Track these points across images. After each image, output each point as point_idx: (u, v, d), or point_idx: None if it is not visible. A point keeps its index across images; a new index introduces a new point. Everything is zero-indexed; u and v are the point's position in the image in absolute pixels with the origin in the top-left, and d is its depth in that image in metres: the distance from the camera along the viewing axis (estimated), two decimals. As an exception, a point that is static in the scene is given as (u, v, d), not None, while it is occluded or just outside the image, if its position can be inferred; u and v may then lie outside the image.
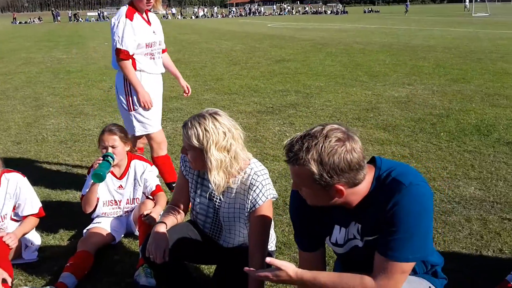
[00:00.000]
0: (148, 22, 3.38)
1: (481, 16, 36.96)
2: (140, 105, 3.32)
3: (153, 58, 3.42)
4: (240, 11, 69.51)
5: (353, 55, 13.01)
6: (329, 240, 1.75)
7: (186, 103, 7.23)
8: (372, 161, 1.63)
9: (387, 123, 5.78)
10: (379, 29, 24.47)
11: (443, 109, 6.33)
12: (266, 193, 2.00)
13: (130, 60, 3.25)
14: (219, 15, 65.47)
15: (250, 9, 70.71)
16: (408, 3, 47.25)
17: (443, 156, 4.51)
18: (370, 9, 62.56)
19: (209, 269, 2.67)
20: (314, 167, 1.46)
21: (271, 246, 2.27)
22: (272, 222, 2.35)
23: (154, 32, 3.40)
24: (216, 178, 1.96)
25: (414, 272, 1.75)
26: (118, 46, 3.19)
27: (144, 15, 3.35)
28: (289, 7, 72.81)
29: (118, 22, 3.21)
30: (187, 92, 3.89)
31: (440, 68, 10.00)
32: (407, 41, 16.63)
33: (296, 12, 71.42)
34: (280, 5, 74.41)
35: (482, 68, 9.84)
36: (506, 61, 10.77)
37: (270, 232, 2.26)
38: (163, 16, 54.81)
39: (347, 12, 62.23)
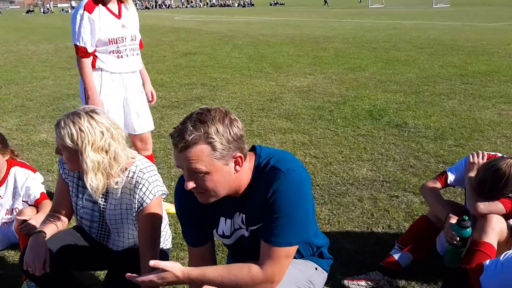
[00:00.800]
0: (117, 15, 2.97)
1: (377, 7, 39.50)
2: None
3: (121, 56, 3.01)
4: (146, 4, 67.35)
5: (259, 47, 13.22)
6: (216, 232, 1.74)
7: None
8: (253, 150, 1.64)
9: (289, 112, 5.95)
10: (284, 22, 25.11)
11: (340, 97, 6.66)
12: (153, 190, 1.93)
13: (90, 58, 2.91)
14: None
15: (156, 2, 68.82)
16: None
17: (339, 141, 4.74)
18: (275, 1, 63.98)
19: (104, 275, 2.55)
20: (217, 142, 1.44)
21: (166, 244, 2.21)
22: (166, 219, 2.30)
23: (123, 25, 2.98)
24: (93, 181, 1.85)
25: (300, 256, 1.80)
26: (74, 41, 2.87)
27: (113, 5, 2.96)
28: (197, 0, 72.05)
29: (76, 14, 2.86)
30: (150, 99, 3.41)
31: (339, 58, 10.51)
32: (309, 33, 17.26)
33: (204, 5, 70.92)
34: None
35: (376, 56, 10.51)
36: (398, 49, 11.61)
37: (165, 229, 2.20)
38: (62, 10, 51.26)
39: (253, 4, 63.04)
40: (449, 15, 25.54)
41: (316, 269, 1.83)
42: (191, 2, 71.79)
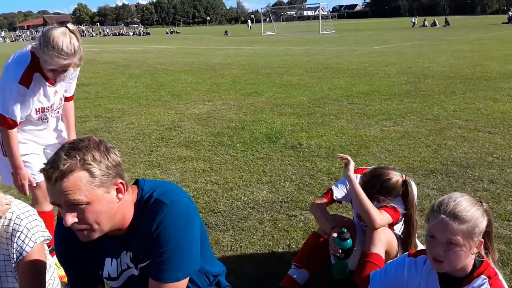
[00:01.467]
0: (52, 82, 2.63)
1: (269, 34, 41.40)
2: (16, 185, 2.65)
3: (46, 121, 2.75)
4: (33, 35, 63.32)
5: (157, 76, 13.08)
6: (102, 273, 1.66)
7: None
8: (136, 183, 1.61)
9: (189, 140, 5.94)
10: (181, 50, 25.19)
11: (239, 122, 6.81)
12: (33, 237, 1.79)
13: (15, 129, 2.56)
14: (7, 39, 58.50)
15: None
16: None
17: (239, 165, 4.83)
18: (171, 30, 64.02)
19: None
20: (95, 168, 1.38)
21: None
22: (53, 266, 2.14)
23: (56, 92, 2.68)
24: None
25: (197, 287, 1.78)
26: (1, 111, 2.49)
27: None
28: (89, 30, 69.44)
29: (8, 83, 2.45)
30: None
31: (236, 84, 10.78)
32: (207, 60, 17.51)
33: (97, 34, 68.55)
34: (78, 27, 70.47)
35: (271, 81, 10.97)
36: (291, 74, 12.23)
37: (52, 276, 2.05)
38: None
39: (149, 33, 62.47)
40: (335, 40, 27.61)
41: None
42: (83, 32, 69.03)
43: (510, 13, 47.80)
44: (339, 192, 2.60)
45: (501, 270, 2.68)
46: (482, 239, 1.64)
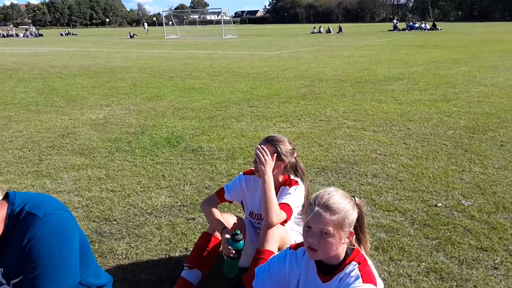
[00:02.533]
0: None
1: (172, 38, 40.87)
2: None
3: None
4: None
5: (49, 80, 12.25)
6: None
7: None
8: (6, 197, 1.52)
9: (84, 147, 5.66)
10: (77, 52, 23.85)
11: (138, 127, 6.65)
12: None
13: None
14: None
15: None
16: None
17: (137, 171, 4.72)
18: (67, 31, 60.32)
19: None
20: None
21: None
22: None
23: None
24: None
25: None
26: None
27: None
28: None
29: None
30: None
31: (136, 88, 10.49)
32: (105, 63, 16.79)
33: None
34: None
35: (173, 85, 10.85)
36: (193, 77, 12.20)
37: None
38: None
39: (42, 35, 58.24)
40: (237, 45, 28.09)
41: None
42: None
43: (394, 21, 52.66)
44: (229, 192, 2.67)
45: (380, 257, 2.96)
46: (353, 230, 1.80)
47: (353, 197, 1.83)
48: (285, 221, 2.59)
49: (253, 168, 2.85)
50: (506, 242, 3.11)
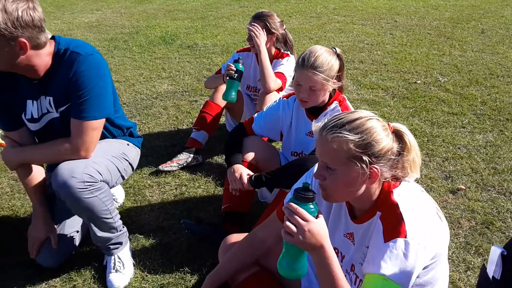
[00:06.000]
0: None
1: None
2: None
3: None
4: None
5: (33, -12, 11.90)
6: (25, 117, 1.91)
7: None
8: (52, 38, 1.83)
9: (82, 47, 5.83)
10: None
11: (132, 28, 6.76)
12: None
13: None
14: None
15: None
16: None
17: (138, 65, 4.98)
18: None
19: None
20: None
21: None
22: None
23: None
24: None
25: (113, 136, 2.11)
26: None
27: None
28: None
29: None
30: None
31: (124, -7, 10.31)
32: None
33: None
34: None
35: (161, -11, 10.64)
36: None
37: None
38: None
39: None
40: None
41: (128, 144, 2.15)
42: None
43: None
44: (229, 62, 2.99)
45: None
46: (335, 80, 2.13)
47: (334, 48, 2.14)
48: (281, 89, 2.94)
49: (245, 47, 3.15)
50: (475, 108, 3.52)
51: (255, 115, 2.31)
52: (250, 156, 2.17)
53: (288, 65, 2.93)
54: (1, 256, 2.11)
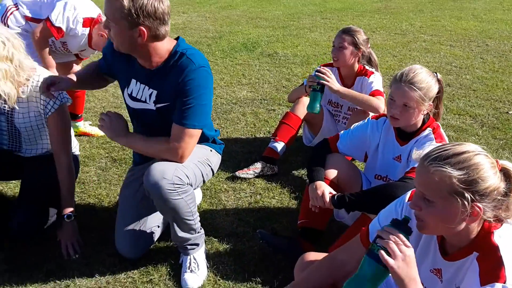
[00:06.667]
0: None
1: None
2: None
3: None
4: None
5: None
6: (127, 91, 2.04)
7: None
8: (176, 39, 1.96)
9: (168, 47, 6.09)
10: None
11: (216, 32, 6.96)
12: (59, 97, 2.09)
13: None
14: None
15: None
16: None
17: (219, 70, 5.11)
18: None
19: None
20: (125, 1, 1.70)
21: (75, 150, 2.40)
22: (72, 130, 2.47)
23: None
24: (5, 89, 1.95)
25: (198, 143, 2.17)
26: None
27: None
28: None
29: None
30: None
31: (209, -3, 10.66)
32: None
33: None
34: None
35: (245, -4, 10.88)
36: (264, -10, 12.10)
37: (73, 137, 2.38)
38: None
39: None
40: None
41: (211, 150, 2.21)
42: None
43: None
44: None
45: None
46: (432, 103, 2.06)
47: (436, 73, 2.07)
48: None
49: (329, 62, 3.11)
50: None
51: (341, 132, 2.28)
52: (332, 174, 2.14)
53: (377, 81, 2.88)
54: (86, 244, 2.23)
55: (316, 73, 2.69)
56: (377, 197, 1.88)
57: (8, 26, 2.93)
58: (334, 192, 2.01)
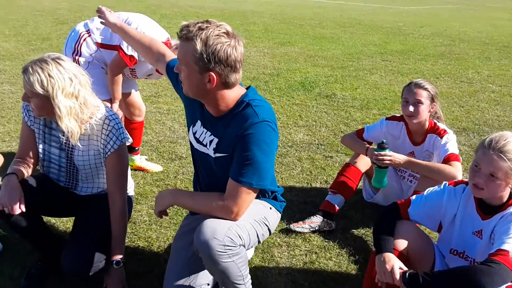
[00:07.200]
0: None
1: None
2: None
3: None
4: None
5: (189, 18, 13.05)
6: (192, 129, 1.99)
7: (10, 64, 6.46)
8: (247, 88, 1.88)
9: (226, 82, 6.11)
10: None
11: (273, 69, 6.94)
12: (120, 137, 2.05)
13: None
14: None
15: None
16: None
17: (276, 109, 5.03)
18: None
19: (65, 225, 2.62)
20: (198, 45, 1.64)
21: (130, 191, 2.34)
22: (129, 168, 2.42)
23: None
24: (69, 125, 1.93)
25: (257, 197, 2.04)
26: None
27: None
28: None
29: None
30: None
31: (268, 33, 10.77)
32: (238, 6, 17.32)
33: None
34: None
35: (303, 33, 10.92)
36: (323, 27, 12.13)
37: (129, 177, 2.32)
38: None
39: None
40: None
41: (270, 208, 2.07)
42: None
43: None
44: (369, 133, 2.85)
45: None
46: None
47: None
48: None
49: (396, 115, 2.93)
50: None
51: (413, 197, 2.08)
52: (402, 244, 1.94)
53: (452, 142, 2.67)
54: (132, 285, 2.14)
55: (378, 149, 2.59)
56: (456, 281, 1.67)
57: (81, 54, 2.97)
58: (404, 268, 1.81)
